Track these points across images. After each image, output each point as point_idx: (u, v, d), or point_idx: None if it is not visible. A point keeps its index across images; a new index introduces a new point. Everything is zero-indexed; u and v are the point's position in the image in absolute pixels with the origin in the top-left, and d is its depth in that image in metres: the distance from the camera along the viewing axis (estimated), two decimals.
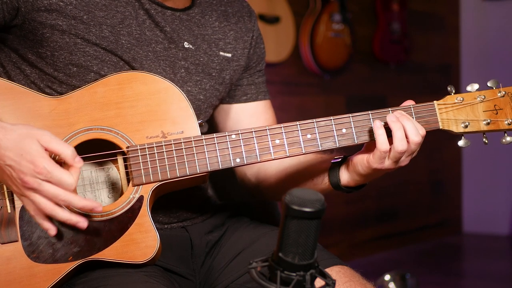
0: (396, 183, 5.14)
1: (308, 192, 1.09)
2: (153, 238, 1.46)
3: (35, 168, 1.34)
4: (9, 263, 1.43)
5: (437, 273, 4.49)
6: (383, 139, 1.46)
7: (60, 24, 1.50)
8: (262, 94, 1.79)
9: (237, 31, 1.73)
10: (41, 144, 1.35)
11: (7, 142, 1.35)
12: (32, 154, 1.34)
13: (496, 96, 1.53)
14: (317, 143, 1.50)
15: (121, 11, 1.56)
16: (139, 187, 1.47)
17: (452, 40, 5.69)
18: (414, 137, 1.47)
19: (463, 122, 1.53)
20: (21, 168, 1.34)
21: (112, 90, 1.50)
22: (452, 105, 1.53)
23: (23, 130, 1.36)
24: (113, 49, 1.53)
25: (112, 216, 1.46)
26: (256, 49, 1.77)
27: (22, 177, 1.34)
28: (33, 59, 1.54)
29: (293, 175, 1.68)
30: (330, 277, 1.11)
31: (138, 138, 1.49)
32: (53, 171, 1.34)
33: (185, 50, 1.63)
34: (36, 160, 1.34)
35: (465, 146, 1.54)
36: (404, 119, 1.48)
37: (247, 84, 1.77)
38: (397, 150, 1.46)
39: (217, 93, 1.69)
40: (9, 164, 1.35)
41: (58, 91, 1.53)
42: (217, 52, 1.68)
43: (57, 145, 1.37)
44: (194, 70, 1.64)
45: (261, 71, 1.80)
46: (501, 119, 1.53)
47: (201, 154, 1.48)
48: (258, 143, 1.50)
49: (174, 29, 1.62)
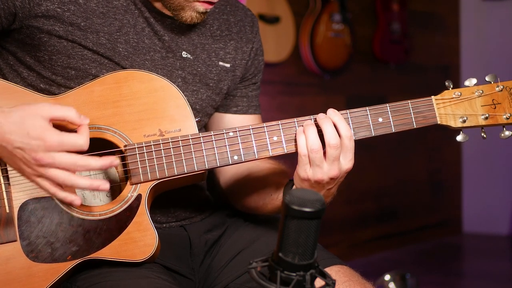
0: (396, 183, 5.14)
1: (308, 192, 1.09)
2: (151, 236, 1.46)
3: (45, 143, 1.34)
4: (8, 263, 1.44)
5: (437, 273, 4.49)
6: (302, 143, 1.45)
7: (57, 30, 1.50)
8: (253, 108, 1.78)
9: (237, 41, 1.72)
10: (43, 118, 1.36)
11: (11, 126, 1.35)
12: (38, 130, 1.34)
13: (494, 90, 1.53)
14: None
15: (119, 19, 1.55)
16: (137, 186, 1.48)
17: (452, 40, 5.69)
18: (331, 139, 1.43)
19: (461, 116, 1.52)
20: (31, 147, 1.34)
21: (109, 89, 1.50)
22: (450, 100, 1.53)
23: (22, 109, 1.36)
24: (110, 56, 1.53)
25: (110, 215, 1.46)
26: (254, 60, 1.76)
27: (34, 156, 1.34)
28: (31, 62, 1.54)
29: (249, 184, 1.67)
30: (330, 277, 1.11)
31: (136, 137, 1.49)
32: (63, 139, 1.35)
33: (183, 59, 1.62)
34: (44, 134, 1.34)
35: (464, 141, 1.53)
36: (323, 122, 1.45)
37: (240, 96, 1.76)
38: (310, 149, 1.43)
39: (213, 103, 1.69)
40: (18, 147, 1.35)
41: (56, 93, 1.53)
42: (216, 62, 1.67)
43: (59, 111, 1.37)
44: (191, 79, 1.63)
45: (256, 84, 1.79)
46: (499, 114, 1.52)
47: (199, 152, 1.48)
48: (255, 140, 1.50)
49: (173, 38, 1.61)
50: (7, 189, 1.45)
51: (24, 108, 1.37)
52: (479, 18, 5.64)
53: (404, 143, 5.11)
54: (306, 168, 1.45)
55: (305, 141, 1.45)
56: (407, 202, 5.30)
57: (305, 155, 1.45)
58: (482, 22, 5.63)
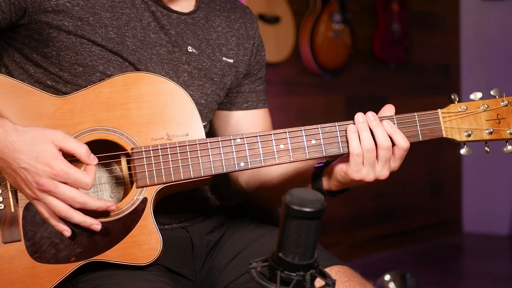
0: (396, 183, 5.14)
1: (308, 192, 1.09)
2: (156, 240, 1.46)
3: (52, 170, 1.35)
4: (12, 263, 1.43)
5: (437, 273, 4.49)
6: (355, 143, 1.47)
7: (67, 25, 1.50)
8: (262, 102, 1.80)
9: (239, 37, 1.73)
10: (55, 145, 1.36)
11: (21, 145, 1.35)
12: (47, 156, 1.35)
13: (499, 105, 1.53)
14: (321, 149, 1.50)
15: (126, 13, 1.55)
16: (143, 189, 1.47)
17: (452, 40, 5.69)
18: (384, 142, 1.46)
19: (466, 131, 1.53)
20: (36, 171, 1.35)
21: (117, 91, 1.49)
22: (455, 114, 1.53)
23: (36, 132, 1.37)
24: (119, 51, 1.53)
25: (115, 218, 1.46)
26: (257, 56, 1.78)
27: (37, 180, 1.35)
28: (38, 58, 1.53)
29: (281, 182, 1.68)
30: (330, 277, 1.11)
31: (143, 140, 1.48)
32: (70, 172, 1.36)
33: (189, 54, 1.63)
34: (52, 162, 1.35)
35: (467, 155, 1.55)
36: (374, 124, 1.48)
37: (249, 92, 1.77)
38: (365, 149, 1.46)
39: (218, 98, 1.70)
40: (23, 167, 1.36)
41: (63, 90, 1.53)
42: (220, 57, 1.68)
43: (71, 144, 1.38)
44: (196, 74, 1.64)
45: (262, 79, 1.81)
46: (503, 129, 1.53)
47: (206, 157, 1.48)
48: (262, 148, 1.50)
49: (179, 33, 1.62)
50: (12, 188, 1.45)
51: (39, 131, 1.37)
52: (479, 18, 5.64)
53: None
54: (359, 168, 1.47)
55: (358, 141, 1.47)
56: (407, 202, 5.31)
57: (358, 155, 1.46)
58: (482, 22, 5.63)
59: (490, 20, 5.59)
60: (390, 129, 1.48)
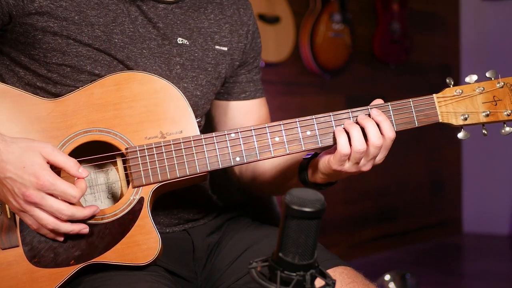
0: (396, 183, 5.14)
1: (308, 192, 1.08)
2: (154, 239, 1.45)
3: (38, 181, 1.33)
4: (10, 269, 1.43)
5: (437, 273, 4.49)
6: (343, 142, 1.44)
7: (52, 26, 1.49)
8: (260, 92, 1.78)
9: (232, 24, 1.70)
10: (43, 157, 1.35)
11: (8, 155, 1.34)
12: (34, 167, 1.34)
13: (495, 87, 1.52)
14: (317, 140, 1.49)
15: (113, 9, 1.54)
16: (139, 189, 1.47)
17: (452, 40, 5.69)
18: (376, 140, 1.44)
19: (463, 114, 1.52)
20: (23, 182, 1.34)
21: (109, 91, 1.48)
22: (451, 98, 1.52)
23: (24, 143, 1.36)
24: (106, 49, 1.52)
25: (113, 219, 1.45)
26: (252, 44, 1.74)
27: (24, 191, 1.34)
28: (26, 61, 1.52)
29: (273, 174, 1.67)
30: (330, 277, 1.11)
31: (137, 139, 1.48)
32: (56, 183, 1.35)
33: (179, 46, 1.60)
34: (39, 173, 1.34)
35: (465, 138, 1.52)
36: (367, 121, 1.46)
37: (246, 82, 1.75)
38: (356, 150, 1.43)
39: (214, 88, 1.67)
40: (10, 177, 1.34)
41: (52, 91, 1.52)
42: (213, 46, 1.65)
43: (60, 158, 1.37)
44: (189, 66, 1.62)
45: (258, 67, 1.78)
46: (500, 110, 1.51)
47: (201, 153, 1.48)
48: (257, 141, 1.49)
49: (168, 25, 1.59)
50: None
51: (27, 142, 1.36)
52: (479, 18, 5.64)
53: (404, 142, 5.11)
54: (343, 163, 1.45)
55: (346, 139, 1.44)
56: (407, 202, 5.30)
57: (345, 155, 1.44)
58: (482, 22, 5.63)
59: (490, 20, 5.59)
60: (379, 117, 1.46)
